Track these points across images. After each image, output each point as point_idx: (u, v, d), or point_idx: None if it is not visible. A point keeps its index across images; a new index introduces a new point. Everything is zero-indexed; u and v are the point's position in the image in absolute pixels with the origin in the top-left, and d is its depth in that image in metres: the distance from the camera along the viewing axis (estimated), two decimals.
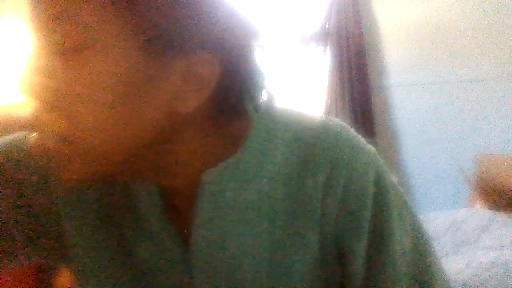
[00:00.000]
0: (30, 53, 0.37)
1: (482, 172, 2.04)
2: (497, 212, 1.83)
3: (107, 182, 0.46)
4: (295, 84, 2.37)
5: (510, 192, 1.88)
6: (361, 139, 0.48)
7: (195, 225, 0.44)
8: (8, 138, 0.49)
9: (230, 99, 0.42)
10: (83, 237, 0.48)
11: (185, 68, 0.38)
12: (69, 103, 0.36)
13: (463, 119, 2.22)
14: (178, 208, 0.46)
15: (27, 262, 0.50)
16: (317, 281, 0.47)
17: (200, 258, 0.46)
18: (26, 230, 0.47)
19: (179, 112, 0.39)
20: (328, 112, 2.34)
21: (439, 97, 2.27)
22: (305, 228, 0.46)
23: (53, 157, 0.38)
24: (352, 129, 0.48)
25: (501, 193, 1.92)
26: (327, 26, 2.36)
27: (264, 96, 0.46)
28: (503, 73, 2.08)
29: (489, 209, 1.92)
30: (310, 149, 0.45)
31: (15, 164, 0.47)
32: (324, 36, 2.36)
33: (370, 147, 0.48)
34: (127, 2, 0.34)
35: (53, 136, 0.37)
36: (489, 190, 1.99)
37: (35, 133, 0.38)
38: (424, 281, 0.47)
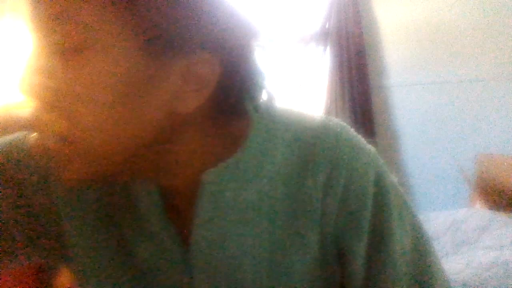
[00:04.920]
0: (30, 53, 0.37)
1: (482, 172, 2.04)
2: (497, 212, 1.83)
3: (107, 182, 0.46)
4: (295, 84, 2.37)
5: (510, 192, 1.88)
6: (361, 139, 0.48)
7: (195, 225, 0.44)
8: (8, 138, 0.49)
9: (230, 99, 0.42)
10: (83, 237, 0.48)
11: (185, 68, 0.38)
12: (69, 103, 0.36)
13: (463, 119, 2.22)
14: (178, 208, 0.46)
15: (27, 262, 0.50)
16: (317, 281, 0.47)
17: (200, 258, 0.46)
18: (26, 230, 0.47)
19: (179, 112, 0.39)
20: (328, 112, 2.34)
21: (439, 97, 2.27)
22: (305, 228, 0.46)
23: (53, 157, 0.38)
24: (352, 129, 0.48)
25: (501, 193, 1.92)
26: (327, 26, 2.36)
27: (264, 96, 0.46)
28: (503, 73, 2.08)
29: (489, 209, 1.92)
30: (310, 149, 0.45)
31: (15, 164, 0.47)
32: (324, 36, 2.36)
33: (370, 147, 0.48)
34: (127, 2, 0.34)
35: (53, 136, 0.37)
36: (489, 190, 1.99)
37: (35, 133, 0.38)
38: (424, 281, 0.47)
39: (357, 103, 2.35)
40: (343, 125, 0.48)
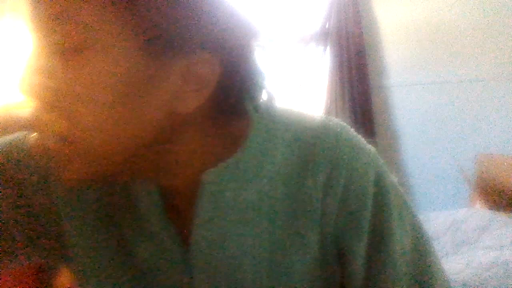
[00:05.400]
0: (30, 53, 0.37)
1: (482, 172, 2.04)
2: (497, 212, 1.83)
3: (107, 182, 0.46)
4: (295, 84, 2.37)
5: (510, 192, 1.88)
6: (361, 139, 0.48)
7: (195, 225, 0.44)
8: (8, 138, 0.49)
9: (230, 99, 0.42)
10: (83, 237, 0.48)
11: (185, 68, 0.38)
12: (69, 103, 0.36)
13: (463, 119, 2.22)
14: (178, 208, 0.46)
15: (27, 262, 0.50)
16: (317, 281, 0.47)
17: (200, 258, 0.46)
18: (26, 230, 0.47)
19: (179, 112, 0.39)
20: (328, 112, 2.34)
21: (439, 97, 2.27)
22: (305, 228, 0.46)
23: (53, 157, 0.38)
24: (352, 129, 0.48)
25: (501, 193, 1.92)
26: (327, 26, 2.36)
27: (264, 96, 0.46)
28: (503, 73, 2.08)
29: (489, 209, 1.92)
30: (310, 149, 0.45)
31: (15, 164, 0.47)
32: (324, 36, 2.36)
33: (370, 147, 0.48)
34: (127, 2, 0.34)
35: (53, 136, 0.37)
36: (489, 190, 1.99)
37: (35, 133, 0.38)
38: (424, 281, 0.47)
39: (357, 103, 2.35)
40: (343, 125, 0.48)
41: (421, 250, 0.48)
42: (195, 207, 0.44)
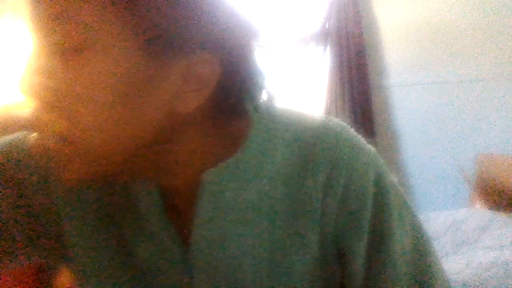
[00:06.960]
0: (30, 53, 0.37)
1: (482, 172, 2.04)
2: (497, 212, 1.83)
3: (107, 182, 0.46)
4: (295, 84, 2.37)
5: (510, 192, 1.88)
6: (361, 139, 0.48)
7: (195, 225, 0.45)
8: (8, 138, 0.49)
9: (230, 99, 0.42)
10: (83, 237, 0.48)
11: (185, 68, 0.38)
12: (69, 103, 0.36)
13: (463, 119, 2.22)
14: (178, 208, 0.46)
15: (27, 262, 0.50)
16: (317, 281, 0.47)
17: (200, 258, 0.46)
18: (26, 230, 0.47)
19: (179, 112, 0.39)
20: (328, 112, 2.34)
21: (439, 97, 2.27)
22: (305, 228, 0.46)
23: (53, 157, 0.38)
24: (352, 129, 0.48)
25: (501, 193, 1.92)
26: (327, 26, 2.36)
27: (264, 96, 0.46)
28: (503, 73, 2.08)
29: (489, 209, 1.92)
30: (310, 149, 0.45)
31: (15, 164, 0.47)
32: (324, 36, 2.36)
33: (370, 147, 0.48)
34: (127, 2, 0.34)
35: (53, 136, 0.37)
36: (489, 190, 1.99)
37: (35, 133, 0.38)
38: (424, 281, 0.48)
39: (357, 103, 2.35)
40: (343, 125, 0.48)
41: (421, 250, 0.48)
42: (195, 207, 0.44)
